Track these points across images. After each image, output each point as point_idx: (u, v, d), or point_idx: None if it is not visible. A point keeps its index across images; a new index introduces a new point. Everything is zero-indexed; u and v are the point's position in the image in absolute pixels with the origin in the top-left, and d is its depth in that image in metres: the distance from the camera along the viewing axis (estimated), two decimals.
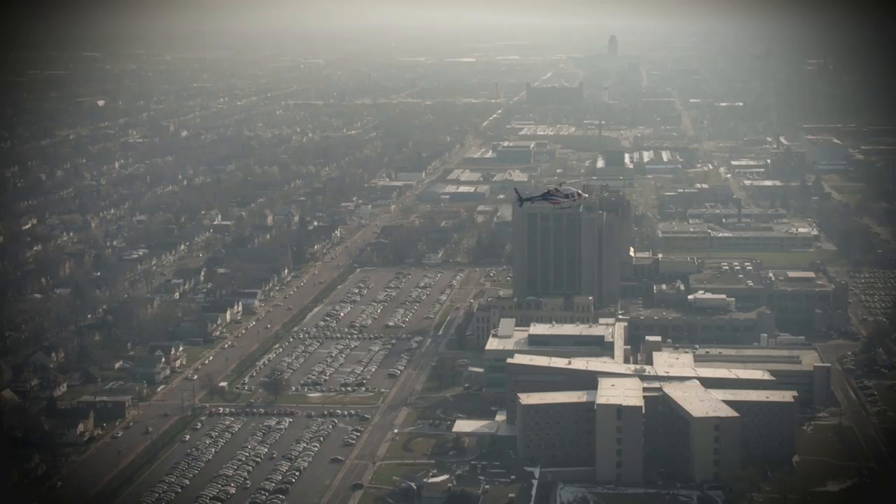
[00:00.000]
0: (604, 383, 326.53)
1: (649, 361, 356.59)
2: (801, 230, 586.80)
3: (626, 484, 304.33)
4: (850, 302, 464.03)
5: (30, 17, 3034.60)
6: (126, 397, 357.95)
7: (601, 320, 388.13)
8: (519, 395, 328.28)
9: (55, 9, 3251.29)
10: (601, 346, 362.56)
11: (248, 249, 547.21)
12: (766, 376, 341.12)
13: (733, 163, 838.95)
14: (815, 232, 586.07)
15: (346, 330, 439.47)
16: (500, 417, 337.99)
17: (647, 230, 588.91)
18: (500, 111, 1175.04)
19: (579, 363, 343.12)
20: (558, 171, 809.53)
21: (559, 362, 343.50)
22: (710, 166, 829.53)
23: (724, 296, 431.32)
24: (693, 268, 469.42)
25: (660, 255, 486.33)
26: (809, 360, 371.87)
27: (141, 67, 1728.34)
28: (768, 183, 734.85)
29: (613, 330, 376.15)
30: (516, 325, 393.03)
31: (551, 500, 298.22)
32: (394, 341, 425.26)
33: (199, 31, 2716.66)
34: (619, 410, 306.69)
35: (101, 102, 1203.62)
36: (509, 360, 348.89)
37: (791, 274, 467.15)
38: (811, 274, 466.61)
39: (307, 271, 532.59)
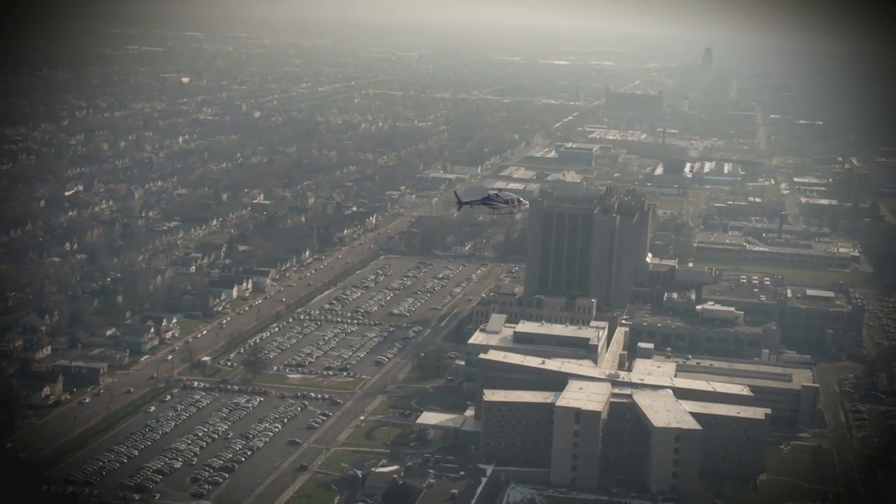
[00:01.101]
0: (572, 385, 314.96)
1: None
2: (841, 250, 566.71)
3: (580, 489, 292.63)
4: (871, 325, 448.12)
5: None
6: (101, 364, 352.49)
7: (593, 323, 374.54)
8: (485, 391, 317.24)
9: None
10: (585, 349, 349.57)
11: (275, 229, 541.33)
12: (745, 391, 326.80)
13: (796, 179, 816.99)
14: (855, 253, 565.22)
15: (349, 315, 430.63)
16: (470, 412, 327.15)
17: (685, 239, 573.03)
18: (576, 114, 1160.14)
19: (554, 364, 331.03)
20: (615, 175, 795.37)
21: (533, 361, 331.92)
22: (772, 181, 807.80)
23: (732, 308, 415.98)
24: (709, 278, 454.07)
25: (676, 264, 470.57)
26: (801, 378, 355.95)
27: (237, 49, 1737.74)
28: (824, 202, 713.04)
29: (602, 333, 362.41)
30: (513, 322, 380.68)
31: (499, 499, 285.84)
32: (392, 329, 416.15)
33: (304, 18, 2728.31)
34: (578, 413, 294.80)
35: (185, 79, 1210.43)
36: (482, 356, 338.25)
37: (810, 292, 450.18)
38: (830, 293, 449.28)
39: (331, 254, 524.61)
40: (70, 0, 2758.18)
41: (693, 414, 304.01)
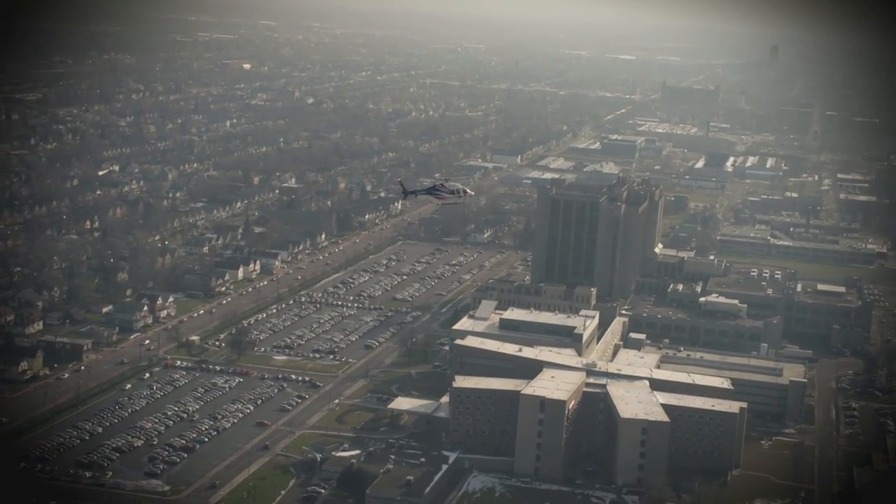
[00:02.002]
0: (545, 374, 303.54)
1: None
2: (869, 246, 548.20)
3: (544, 479, 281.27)
4: (884, 322, 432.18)
5: None
6: (86, 341, 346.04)
7: (582, 312, 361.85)
8: (456, 377, 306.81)
9: None
10: (571, 338, 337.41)
11: (296, 212, 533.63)
12: (725, 385, 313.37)
13: (840, 175, 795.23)
14: (883, 250, 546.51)
15: (351, 299, 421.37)
16: (445, 399, 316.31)
17: (709, 232, 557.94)
18: (629, 107, 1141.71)
19: (530, 351, 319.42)
20: (656, 167, 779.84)
21: (510, 348, 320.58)
22: (816, 177, 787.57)
23: (736, 301, 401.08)
24: (717, 271, 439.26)
25: (693, 255, 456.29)
26: (792, 373, 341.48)
27: (307, 38, 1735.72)
28: (863, 198, 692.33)
29: (591, 323, 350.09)
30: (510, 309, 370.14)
31: (458, 487, 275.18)
32: (390, 314, 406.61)
33: (380, 9, 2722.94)
34: (542, 402, 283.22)
35: (246, 66, 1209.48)
36: (457, 342, 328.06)
37: (820, 287, 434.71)
38: (842, 289, 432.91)
39: (350, 239, 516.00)
40: None
41: (666, 406, 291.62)
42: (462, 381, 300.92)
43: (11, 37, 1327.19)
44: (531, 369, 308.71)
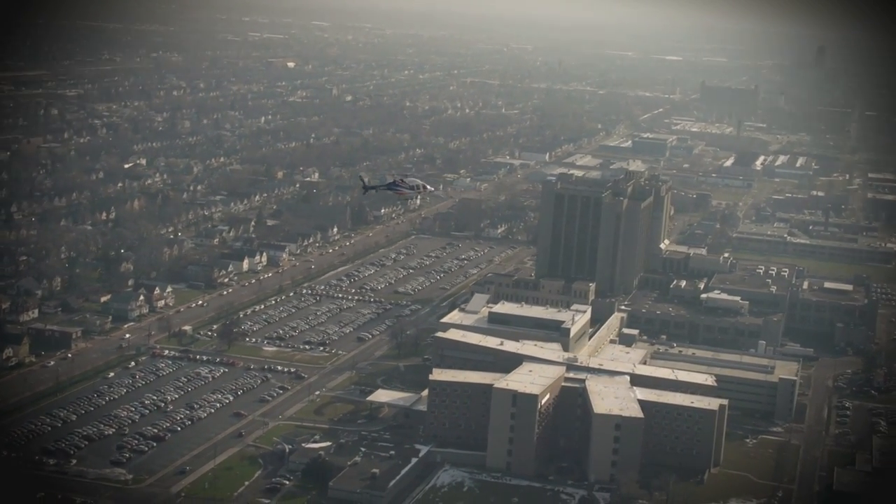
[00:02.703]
0: (522, 368, 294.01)
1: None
2: (888, 245, 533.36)
3: (516, 474, 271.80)
4: (893, 321, 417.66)
5: None
6: (75, 329, 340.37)
7: (573, 307, 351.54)
8: (434, 370, 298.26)
9: None
10: (558, 332, 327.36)
11: (311, 206, 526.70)
12: (709, 381, 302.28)
13: (871, 175, 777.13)
14: None
15: (353, 291, 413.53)
16: (426, 392, 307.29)
17: (728, 229, 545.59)
18: (667, 106, 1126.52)
19: (512, 345, 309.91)
20: (685, 165, 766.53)
21: (491, 342, 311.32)
22: (847, 176, 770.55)
23: (738, 298, 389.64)
24: (723, 267, 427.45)
25: (698, 252, 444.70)
26: (786, 371, 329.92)
27: (356, 39, 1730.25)
28: (890, 197, 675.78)
29: (581, 317, 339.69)
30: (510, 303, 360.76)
31: (428, 481, 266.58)
32: (389, 307, 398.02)
33: (433, 11, 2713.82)
34: (515, 396, 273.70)
35: (290, 64, 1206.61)
36: (438, 334, 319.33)
37: (827, 285, 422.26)
38: (848, 287, 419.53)
39: (363, 233, 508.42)
40: None
41: (644, 402, 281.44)
42: (439, 374, 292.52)
43: (64, 36, 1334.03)
44: (512, 363, 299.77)
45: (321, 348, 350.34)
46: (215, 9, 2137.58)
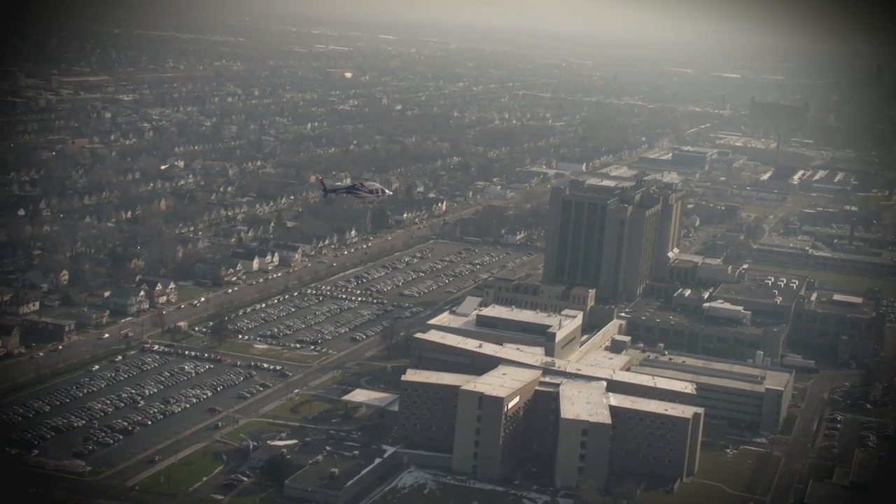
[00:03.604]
0: (496, 371, 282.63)
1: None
2: None
3: (481, 478, 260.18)
4: None
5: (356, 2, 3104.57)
6: (68, 322, 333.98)
7: (564, 312, 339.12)
8: (408, 370, 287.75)
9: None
10: (544, 336, 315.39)
11: (332, 208, 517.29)
12: (689, 389, 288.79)
13: None
14: None
15: (359, 293, 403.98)
16: None
17: (751, 241, 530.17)
18: (715, 121, 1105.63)
19: (492, 348, 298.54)
20: (721, 178, 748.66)
21: (470, 344, 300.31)
22: (887, 192, 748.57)
23: (740, 308, 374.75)
24: (731, 277, 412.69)
25: (700, 261, 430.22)
26: (777, 382, 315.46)
27: (419, 52, 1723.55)
28: None
29: (570, 322, 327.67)
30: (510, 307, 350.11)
31: (390, 482, 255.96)
32: (390, 309, 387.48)
33: (499, 26, 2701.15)
34: (481, 398, 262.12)
35: (348, 74, 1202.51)
36: (417, 335, 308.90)
37: (836, 297, 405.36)
38: (858, 300, 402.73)
39: (383, 236, 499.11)
40: (293, 2, 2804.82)
41: (617, 408, 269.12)
42: (412, 375, 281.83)
43: (135, 45, 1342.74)
44: (489, 366, 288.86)
45: (312, 347, 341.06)
46: (288, 22, 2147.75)
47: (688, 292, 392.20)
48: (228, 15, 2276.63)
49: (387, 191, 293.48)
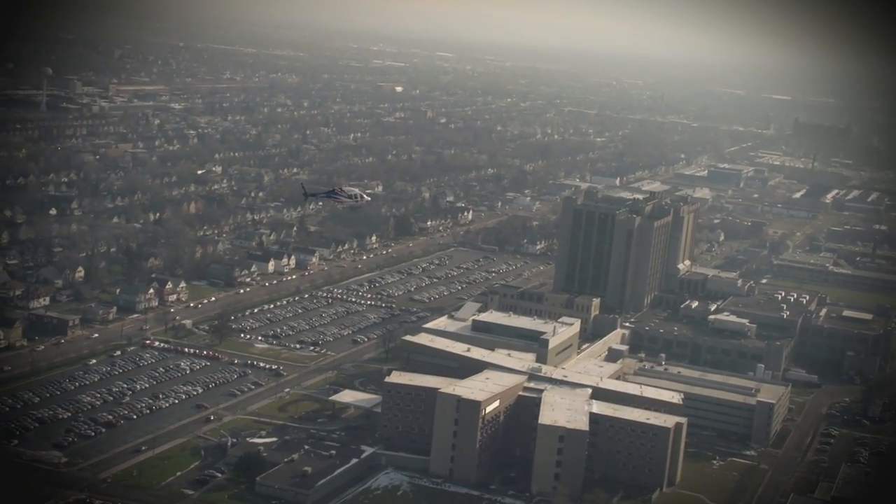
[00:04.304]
0: (480, 375, 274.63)
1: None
2: None
3: (457, 481, 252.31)
4: None
5: (419, 19, 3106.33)
6: (72, 317, 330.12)
7: (562, 319, 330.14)
8: (392, 372, 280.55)
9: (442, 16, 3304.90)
10: (538, 343, 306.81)
11: (356, 214, 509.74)
12: (675, 399, 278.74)
13: None
14: None
15: (369, 296, 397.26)
16: None
17: (773, 257, 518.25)
18: (757, 141, 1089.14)
19: (479, 352, 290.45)
20: (754, 195, 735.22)
21: (458, 348, 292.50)
22: None
23: (746, 321, 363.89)
24: (740, 290, 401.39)
25: (710, 274, 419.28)
26: (771, 395, 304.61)
27: (474, 69, 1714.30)
28: None
29: (565, 330, 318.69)
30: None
31: (364, 482, 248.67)
32: (397, 313, 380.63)
33: (562, 47, 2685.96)
34: (459, 402, 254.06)
35: (398, 89, 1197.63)
36: (406, 338, 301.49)
37: (846, 313, 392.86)
38: (868, 316, 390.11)
39: (404, 243, 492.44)
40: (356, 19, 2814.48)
41: (598, 416, 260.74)
42: (396, 377, 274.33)
43: (196, 57, 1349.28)
44: (475, 370, 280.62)
45: (311, 348, 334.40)
46: (349, 38, 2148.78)
47: (695, 304, 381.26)
48: (294, 31, 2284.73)
49: (365, 196, 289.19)
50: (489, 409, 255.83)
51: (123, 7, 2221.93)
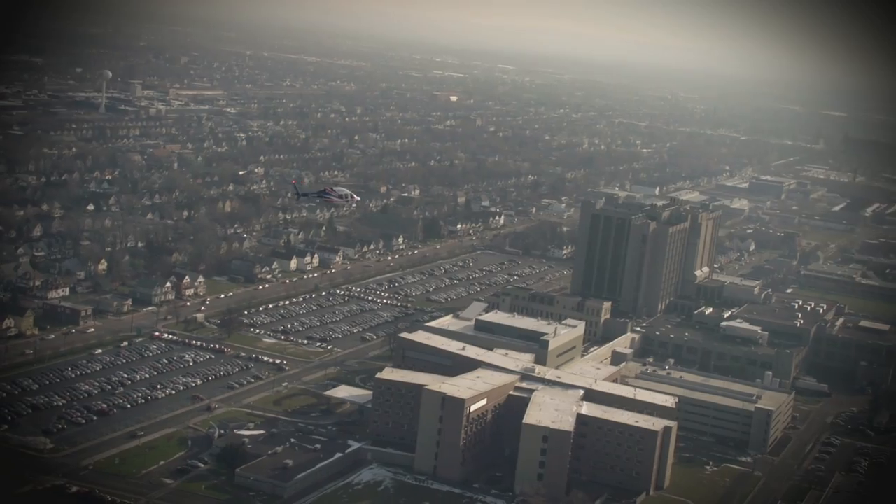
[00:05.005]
0: (471, 373, 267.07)
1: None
2: None
3: (441, 479, 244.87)
4: None
5: (483, 33, 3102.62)
6: (85, 307, 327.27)
7: (566, 321, 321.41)
8: (385, 368, 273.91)
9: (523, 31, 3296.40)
10: (538, 344, 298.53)
11: (386, 216, 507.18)
12: (668, 403, 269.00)
13: None
14: None
15: (386, 296, 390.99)
16: None
17: (802, 267, 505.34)
18: (804, 155, 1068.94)
19: (474, 351, 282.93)
20: (794, 207, 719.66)
21: (454, 346, 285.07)
22: None
23: (758, 328, 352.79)
24: (756, 298, 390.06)
25: (727, 281, 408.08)
26: (772, 402, 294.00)
27: (532, 80, 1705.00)
28: None
29: (568, 332, 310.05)
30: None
31: (346, 477, 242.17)
32: (411, 312, 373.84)
33: (625, 62, 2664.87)
34: (443, 399, 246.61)
35: (453, 98, 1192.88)
36: (402, 335, 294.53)
37: (863, 323, 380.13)
38: (885, 326, 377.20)
39: (432, 245, 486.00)
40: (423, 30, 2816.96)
41: (587, 417, 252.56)
42: (387, 374, 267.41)
43: (259, 65, 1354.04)
44: (469, 368, 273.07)
45: (318, 344, 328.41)
46: (414, 50, 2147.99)
47: (708, 311, 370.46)
48: (360, 42, 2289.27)
49: (355, 196, 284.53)
50: (475, 407, 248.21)
51: (198, 18, 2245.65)
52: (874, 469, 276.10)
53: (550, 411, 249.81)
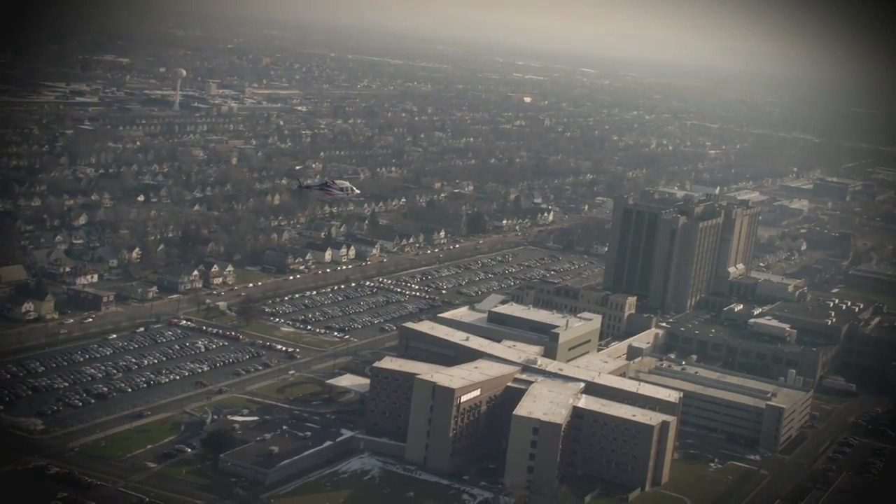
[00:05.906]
0: (469, 364, 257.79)
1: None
2: None
3: (431, 469, 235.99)
4: None
5: (567, 38, 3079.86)
6: (107, 293, 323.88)
7: (581, 315, 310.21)
8: (384, 357, 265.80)
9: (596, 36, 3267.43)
10: (549, 336, 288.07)
11: (432, 211, 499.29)
12: (671, 398, 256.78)
13: None
14: None
15: (416, 288, 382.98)
16: None
17: (852, 268, 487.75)
18: (878, 157, 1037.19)
19: (477, 341, 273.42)
20: (856, 209, 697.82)
21: (457, 336, 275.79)
22: None
23: (786, 326, 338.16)
24: (790, 296, 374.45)
25: (760, 278, 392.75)
26: (788, 400, 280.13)
27: (612, 84, 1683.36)
28: None
29: (582, 325, 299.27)
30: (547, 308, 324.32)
31: (335, 465, 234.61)
32: (438, 305, 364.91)
33: (714, 67, 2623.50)
34: (434, 389, 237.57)
35: (527, 99, 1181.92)
36: (406, 325, 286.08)
37: None
38: None
39: (474, 239, 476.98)
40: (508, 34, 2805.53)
41: (582, 410, 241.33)
42: (385, 363, 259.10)
43: (340, 66, 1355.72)
44: (471, 358, 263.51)
45: (336, 334, 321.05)
46: (496, 53, 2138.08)
47: (738, 307, 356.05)
48: (447, 45, 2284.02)
49: (355, 189, 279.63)
50: (466, 397, 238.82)
51: (288, 22, 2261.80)
52: (888, 470, 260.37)
53: (544, 403, 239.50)
